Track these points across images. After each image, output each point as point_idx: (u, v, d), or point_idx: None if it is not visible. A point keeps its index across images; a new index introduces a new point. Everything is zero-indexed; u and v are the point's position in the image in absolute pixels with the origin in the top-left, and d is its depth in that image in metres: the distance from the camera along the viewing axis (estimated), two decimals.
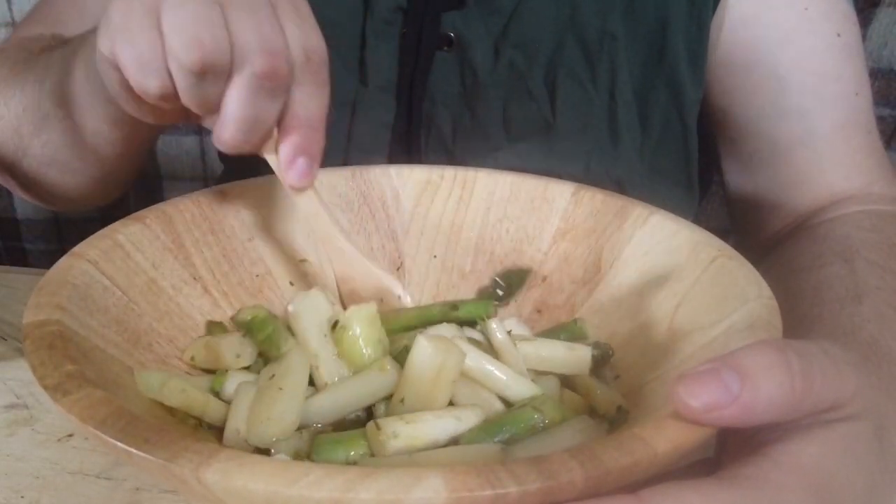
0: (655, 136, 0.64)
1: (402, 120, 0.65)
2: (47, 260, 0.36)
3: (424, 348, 0.34)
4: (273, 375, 0.38)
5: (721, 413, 0.25)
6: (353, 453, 0.33)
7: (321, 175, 0.53)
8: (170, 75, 0.37)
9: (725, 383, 0.25)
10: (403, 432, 0.32)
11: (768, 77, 0.62)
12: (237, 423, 0.36)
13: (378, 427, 0.33)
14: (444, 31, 0.62)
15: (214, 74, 0.37)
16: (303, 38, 0.38)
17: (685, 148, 0.66)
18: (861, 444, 0.28)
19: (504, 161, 0.62)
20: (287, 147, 0.40)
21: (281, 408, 0.35)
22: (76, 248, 0.40)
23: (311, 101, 0.39)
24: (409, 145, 0.66)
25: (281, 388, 0.36)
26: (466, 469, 0.23)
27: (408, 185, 0.55)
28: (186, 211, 0.47)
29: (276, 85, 0.37)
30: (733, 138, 0.66)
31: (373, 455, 0.33)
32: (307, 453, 0.34)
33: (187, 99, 0.38)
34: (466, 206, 0.54)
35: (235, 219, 0.49)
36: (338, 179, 0.54)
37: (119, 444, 0.25)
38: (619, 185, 0.64)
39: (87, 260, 0.39)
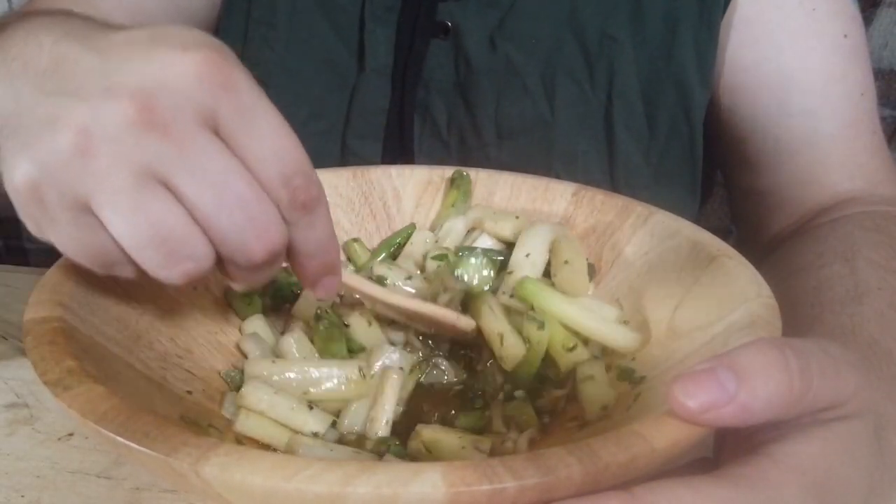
0: (662, 137, 0.64)
1: (397, 106, 0.65)
2: (48, 259, 0.36)
3: None
4: None
5: (718, 413, 0.25)
6: None
7: (322, 175, 0.53)
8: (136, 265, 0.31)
9: (722, 383, 0.25)
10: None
11: (775, 76, 0.62)
12: None
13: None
14: (440, 20, 0.62)
15: (201, 278, 0.32)
16: (274, 158, 0.30)
17: (691, 149, 0.66)
18: (860, 443, 0.28)
19: (498, 157, 0.62)
20: (310, 277, 0.36)
21: None
22: None
23: (312, 232, 0.33)
24: (403, 133, 0.66)
25: None
26: (464, 464, 0.23)
27: (409, 185, 0.55)
28: None
29: (276, 260, 0.32)
30: (738, 137, 0.66)
31: None
32: None
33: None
34: None
35: None
36: (339, 180, 0.54)
37: (119, 438, 0.25)
38: (614, 183, 0.64)
39: None
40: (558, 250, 0.46)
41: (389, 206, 0.55)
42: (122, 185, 0.28)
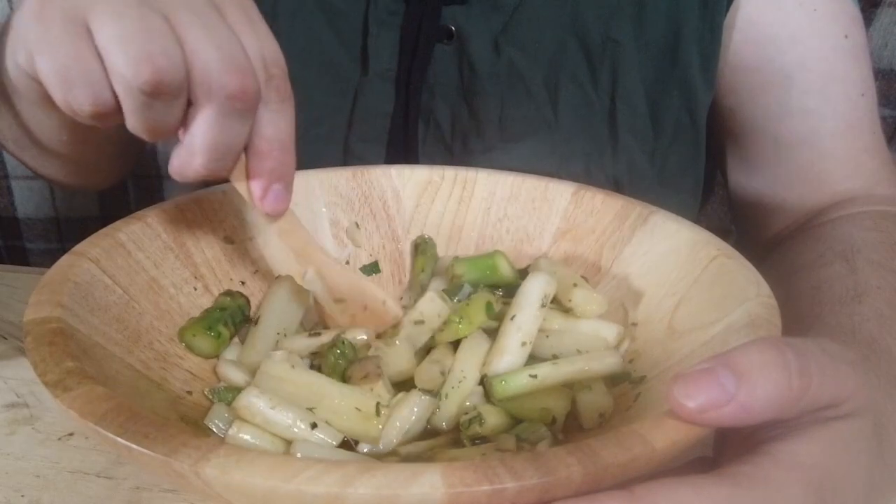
0: (666, 139, 0.65)
1: (401, 110, 0.65)
2: (48, 259, 0.35)
3: None
4: None
5: (718, 412, 0.25)
6: None
7: (322, 175, 0.54)
8: (110, 92, 0.33)
9: (721, 383, 0.25)
10: None
11: (775, 76, 0.62)
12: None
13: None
14: (444, 24, 0.63)
15: (169, 94, 0.32)
16: (260, 47, 0.35)
17: (695, 151, 0.66)
18: (860, 441, 0.28)
19: (502, 160, 0.62)
20: (260, 174, 0.37)
21: None
22: (78, 247, 0.40)
23: (279, 120, 0.36)
24: (406, 137, 0.66)
25: None
26: (464, 464, 0.23)
27: (408, 185, 0.55)
28: (188, 210, 0.47)
29: (247, 106, 0.34)
30: (738, 137, 0.66)
31: None
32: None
33: (135, 121, 0.34)
34: (467, 206, 0.54)
35: (236, 218, 0.49)
36: (339, 180, 0.54)
37: (119, 439, 0.25)
38: (618, 186, 0.64)
39: (89, 258, 0.39)
40: (563, 277, 0.45)
41: (389, 205, 0.55)
42: (125, 2, 0.32)
